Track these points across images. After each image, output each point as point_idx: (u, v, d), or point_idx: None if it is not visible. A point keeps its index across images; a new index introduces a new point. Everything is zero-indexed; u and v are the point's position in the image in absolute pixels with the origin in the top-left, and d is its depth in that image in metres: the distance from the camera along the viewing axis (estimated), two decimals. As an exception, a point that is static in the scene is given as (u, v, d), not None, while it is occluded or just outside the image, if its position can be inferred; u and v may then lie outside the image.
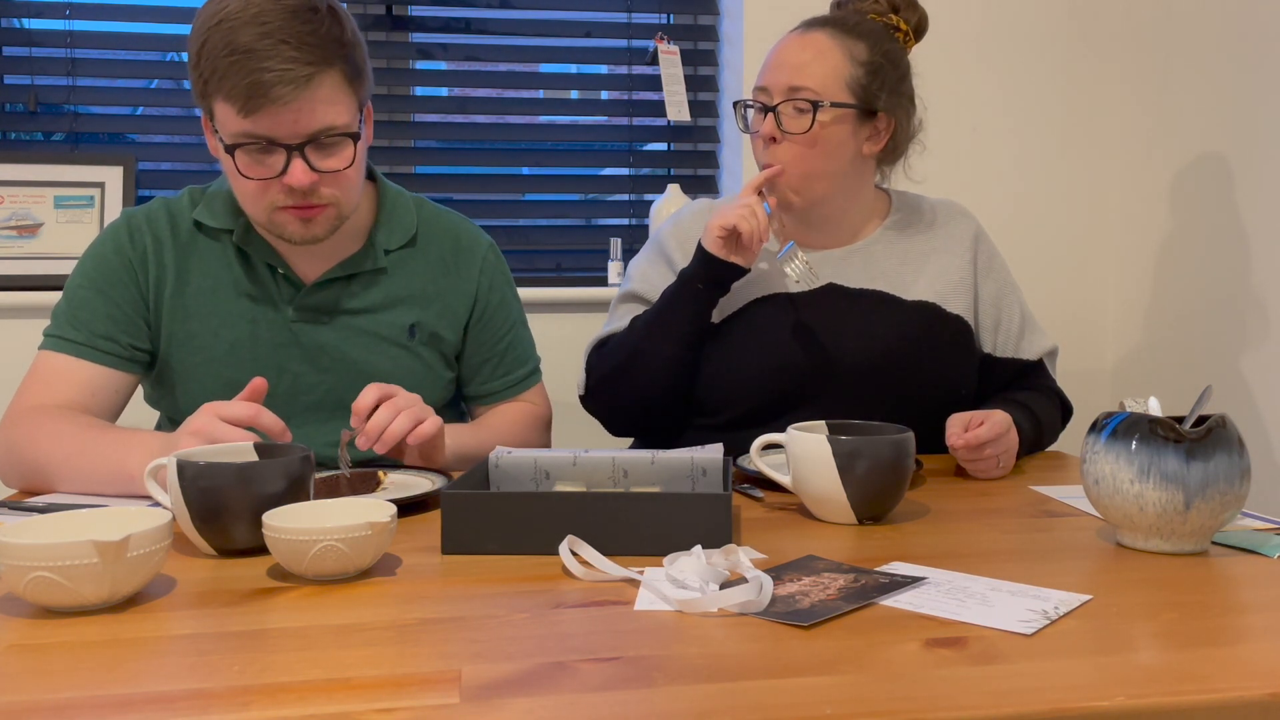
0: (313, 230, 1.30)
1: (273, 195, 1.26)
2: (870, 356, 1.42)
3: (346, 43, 1.26)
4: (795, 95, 1.37)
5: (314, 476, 1.03)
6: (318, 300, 1.38)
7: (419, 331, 1.43)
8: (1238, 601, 0.84)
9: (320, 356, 1.38)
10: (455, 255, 1.48)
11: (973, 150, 2.32)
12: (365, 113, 1.33)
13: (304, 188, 1.25)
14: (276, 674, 0.69)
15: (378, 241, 1.41)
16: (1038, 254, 2.35)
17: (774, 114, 1.38)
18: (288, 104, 1.20)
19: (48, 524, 0.87)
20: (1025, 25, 2.34)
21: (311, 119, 1.23)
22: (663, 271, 1.52)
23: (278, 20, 1.19)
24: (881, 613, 0.82)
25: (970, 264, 1.49)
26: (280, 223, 1.29)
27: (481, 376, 1.51)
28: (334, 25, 1.24)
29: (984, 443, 1.26)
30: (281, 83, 1.19)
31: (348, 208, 1.32)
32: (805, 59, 1.38)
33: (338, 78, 1.24)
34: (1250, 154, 2.01)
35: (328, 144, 1.25)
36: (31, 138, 2.31)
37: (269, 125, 1.21)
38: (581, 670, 0.70)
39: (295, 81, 1.19)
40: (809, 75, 1.37)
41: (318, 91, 1.22)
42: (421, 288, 1.44)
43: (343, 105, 1.26)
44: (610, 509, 0.97)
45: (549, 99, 2.53)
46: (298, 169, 1.23)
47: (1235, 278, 2.04)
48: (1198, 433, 0.94)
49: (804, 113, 1.37)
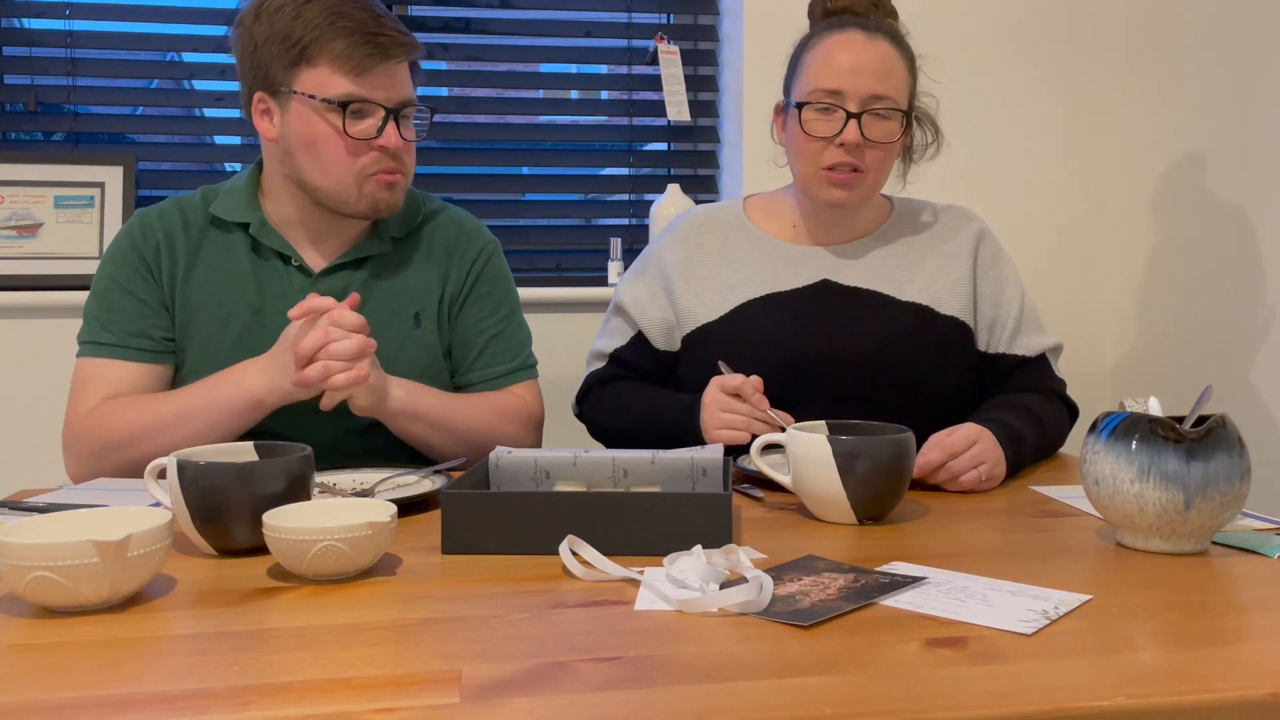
0: (396, 198, 1.38)
1: (364, 161, 1.34)
2: (863, 355, 1.42)
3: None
4: (880, 103, 1.38)
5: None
6: (326, 287, 1.40)
7: (424, 320, 1.45)
8: (1238, 601, 0.84)
9: None
10: (456, 244, 1.50)
11: (973, 150, 2.32)
12: None
13: (398, 148, 1.34)
14: (276, 674, 0.69)
15: (384, 228, 1.44)
16: (1038, 254, 2.35)
17: (857, 121, 1.37)
18: (399, 64, 1.33)
19: (48, 524, 0.87)
20: (1025, 25, 2.34)
21: (407, 87, 1.35)
22: (656, 294, 1.53)
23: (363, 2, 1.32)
24: (881, 613, 0.82)
25: (970, 265, 1.49)
26: (370, 191, 1.36)
27: (463, 366, 1.50)
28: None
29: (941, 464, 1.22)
30: (396, 45, 1.31)
31: (409, 183, 1.42)
32: (884, 68, 1.38)
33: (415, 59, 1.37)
34: (1250, 154, 2.01)
35: (409, 115, 1.37)
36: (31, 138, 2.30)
37: (376, 85, 1.31)
38: (581, 670, 0.70)
39: (406, 46, 1.32)
40: (890, 84, 1.38)
41: (407, 65, 1.35)
42: (425, 276, 1.47)
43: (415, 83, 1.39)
44: (610, 509, 0.97)
45: (549, 99, 2.53)
46: (393, 132, 1.33)
47: (1235, 278, 2.04)
48: (1198, 433, 0.94)
49: (886, 120, 1.38)
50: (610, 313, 1.59)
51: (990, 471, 1.24)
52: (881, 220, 1.53)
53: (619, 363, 1.55)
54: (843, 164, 1.39)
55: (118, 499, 1.17)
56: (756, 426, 1.30)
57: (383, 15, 1.32)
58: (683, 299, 1.50)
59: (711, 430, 1.33)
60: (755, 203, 1.58)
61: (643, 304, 1.53)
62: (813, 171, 1.42)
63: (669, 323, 1.52)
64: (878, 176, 1.43)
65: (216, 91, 2.29)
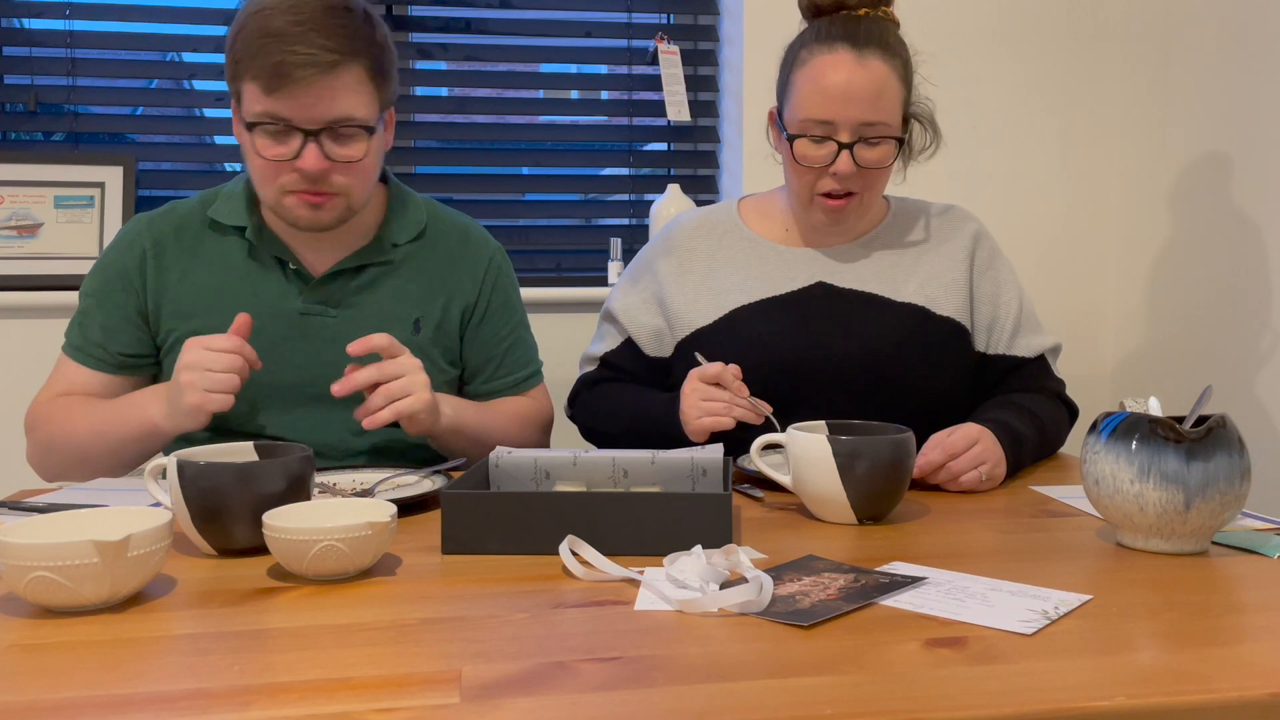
0: (320, 217, 1.33)
1: (285, 178, 1.30)
2: (858, 356, 1.41)
3: (376, 42, 1.30)
4: (872, 130, 1.36)
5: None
6: (325, 293, 1.40)
7: (424, 326, 1.45)
8: (1238, 601, 0.84)
9: (325, 348, 1.39)
10: (463, 253, 1.50)
11: (973, 150, 2.32)
12: (387, 116, 1.38)
13: (315, 173, 1.28)
14: (276, 674, 0.69)
15: (386, 235, 1.44)
16: (1037, 254, 2.35)
17: (849, 151, 1.36)
18: (309, 86, 1.24)
19: (48, 524, 0.87)
20: (1025, 24, 2.34)
21: (331, 106, 1.26)
22: (647, 301, 1.53)
23: (311, 12, 1.25)
24: (881, 613, 0.82)
25: (967, 265, 1.48)
26: (289, 206, 1.32)
27: (484, 376, 1.51)
28: (366, 24, 1.29)
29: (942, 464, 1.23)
30: (305, 65, 1.23)
31: (358, 201, 1.35)
32: (874, 92, 1.35)
33: (361, 71, 1.28)
34: (1250, 153, 2.01)
35: (345, 134, 1.29)
36: (31, 138, 2.30)
37: (289, 107, 1.25)
38: (581, 670, 0.70)
39: (318, 65, 1.24)
40: (881, 110, 1.36)
41: (339, 80, 1.26)
42: (428, 283, 1.46)
43: (364, 98, 1.29)
44: (610, 509, 0.97)
45: (549, 99, 2.53)
46: (311, 154, 1.27)
47: (1235, 278, 2.04)
48: (1198, 433, 0.94)
49: (881, 145, 1.37)
50: (601, 319, 1.60)
51: (991, 472, 1.24)
52: (877, 221, 1.53)
53: (609, 366, 1.55)
54: (836, 191, 1.39)
55: (118, 499, 1.17)
56: (737, 413, 1.29)
57: (315, 29, 1.24)
58: (676, 304, 1.49)
59: (692, 420, 1.32)
60: (749, 204, 1.58)
61: (632, 311, 1.53)
62: (806, 195, 1.42)
63: (659, 329, 1.52)
64: (873, 196, 1.44)
65: (216, 91, 2.29)
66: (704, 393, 1.32)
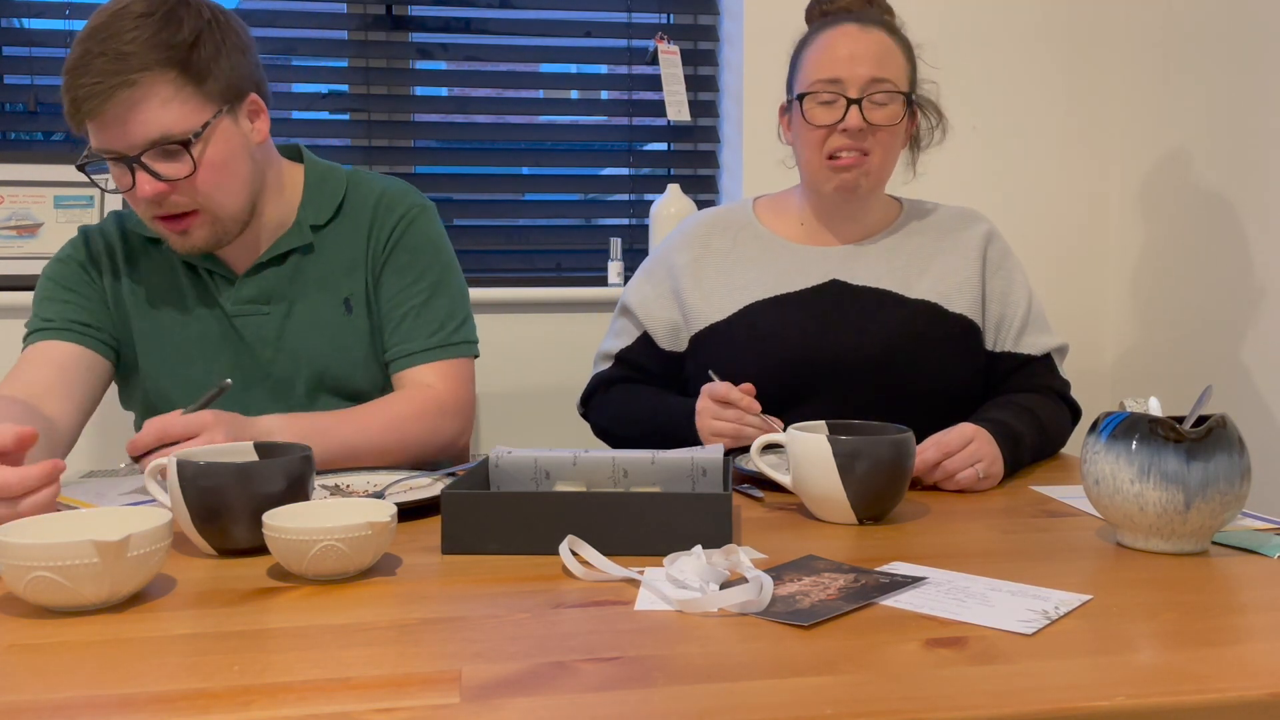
0: (191, 241, 1.29)
1: (141, 208, 1.27)
2: (871, 353, 1.42)
3: (179, 44, 1.20)
4: (879, 86, 1.39)
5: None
6: (252, 290, 1.38)
7: (354, 305, 1.41)
8: (1238, 601, 0.84)
9: (263, 347, 1.39)
10: (376, 215, 1.42)
11: (973, 150, 2.32)
12: (247, 104, 1.29)
13: (149, 198, 1.24)
14: (276, 674, 0.69)
15: (303, 219, 1.40)
16: (1037, 254, 2.35)
17: (858, 106, 1.38)
18: (100, 117, 1.18)
19: (48, 524, 0.87)
20: (1025, 24, 2.34)
21: (138, 129, 1.20)
22: (663, 295, 1.54)
23: (105, 32, 1.18)
24: (881, 613, 0.82)
25: (979, 264, 1.49)
26: (162, 234, 1.30)
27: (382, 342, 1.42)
28: (165, 27, 1.20)
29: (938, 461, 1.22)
30: (90, 97, 1.17)
31: (227, 209, 1.29)
32: (880, 52, 1.40)
33: (167, 81, 1.20)
34: (1250, 154, 2.01)
35: (170, 150, 1.22)
36: (31, 138, 2.30)
37: (103, 139, 1.21)
38: (581, 670, 0.70)
39: (102, 94, 1.17)
40: (888, 67, 1.40)
41: (138, 98, 1.18)
42: (350, 258, 1.41)
43: (178, 108, 1.21)
44: (610, 509, 0.97)
45: (549, 99, 2.53)
46: (141, 181, 1.22)
47: (1234, 278, 2.04)
48: (1198, 433, 0.94)
49: (887, 104, 1.40)
50: (617, 314, 1.60)
51: (987, 469, 1.24)
52: (891, 219, 1.54)
53: (624, 363, 1.55)
54: (847, 149, 1.40)
55: (117, 499, 1.17)
56: (746, 432, 1.31)
57: (102, 52, 1.16)
58: (691, 299, 1.50)
59: (704, 438, 1.35)
60: (764, 203, 1.60)
61: (649, 305, 1.54)
62: (818, 162, 1.43)
63: (675, 323, 1.52)
64: (883, 162, 1.44)
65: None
66: (714, 411, 1.33)
